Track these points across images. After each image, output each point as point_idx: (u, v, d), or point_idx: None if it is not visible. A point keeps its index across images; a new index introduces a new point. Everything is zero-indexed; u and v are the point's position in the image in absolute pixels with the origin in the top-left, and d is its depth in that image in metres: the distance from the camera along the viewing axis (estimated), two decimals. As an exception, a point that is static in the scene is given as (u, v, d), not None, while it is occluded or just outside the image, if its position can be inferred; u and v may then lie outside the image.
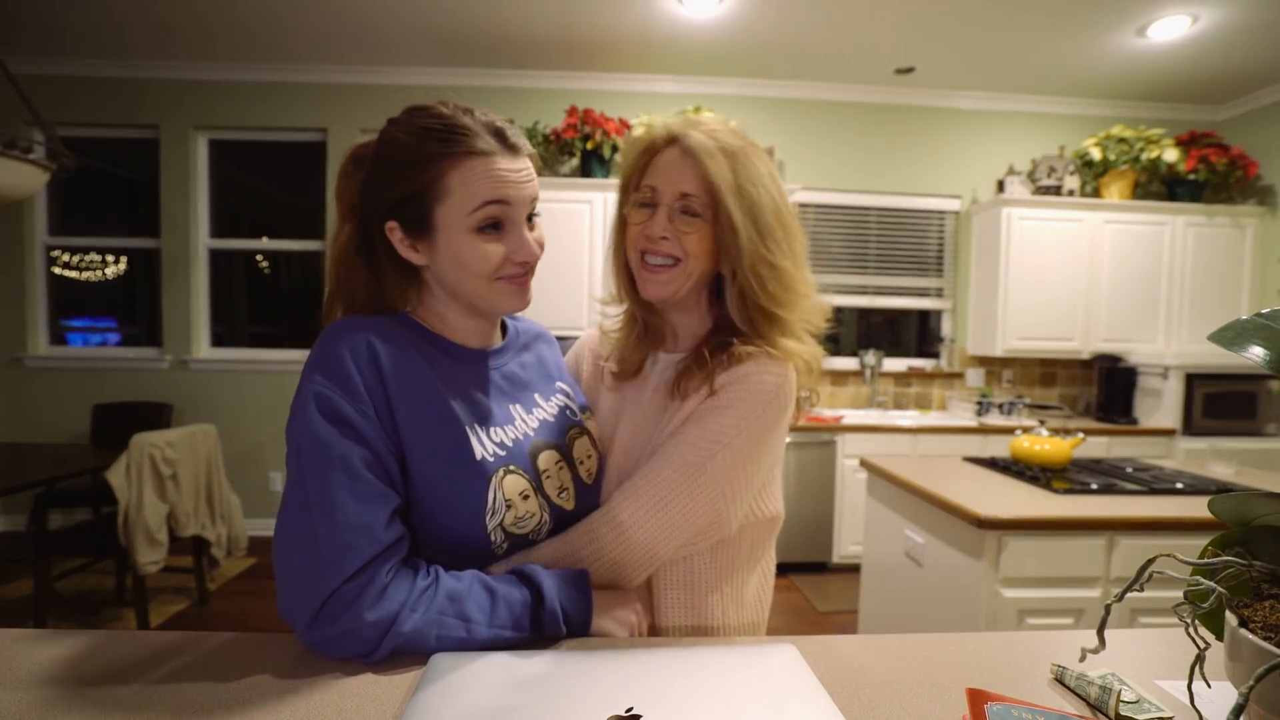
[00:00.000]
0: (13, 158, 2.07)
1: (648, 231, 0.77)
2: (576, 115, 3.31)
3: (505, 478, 0.71)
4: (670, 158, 0.77)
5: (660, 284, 0.78)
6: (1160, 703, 0.57)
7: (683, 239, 0.76)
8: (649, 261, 0.78)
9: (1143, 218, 3.48)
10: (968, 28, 2.97)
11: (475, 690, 0.54)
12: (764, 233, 0.75)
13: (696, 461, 0.72)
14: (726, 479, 0.73)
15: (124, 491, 2.19)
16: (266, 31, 3.14)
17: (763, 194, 0.75)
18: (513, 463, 0.73)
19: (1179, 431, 3.24)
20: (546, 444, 0.79)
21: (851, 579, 2.65)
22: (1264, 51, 3.10)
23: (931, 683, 0.61)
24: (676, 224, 0.76)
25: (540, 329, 0.94)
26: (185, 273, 3.58)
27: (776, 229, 0.76)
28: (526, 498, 0.73)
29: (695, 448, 0.73)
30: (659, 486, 0.73)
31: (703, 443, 0.73)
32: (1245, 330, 0.46)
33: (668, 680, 0.56)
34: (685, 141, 0.75)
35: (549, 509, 0.75)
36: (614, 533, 0.73)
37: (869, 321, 3.99)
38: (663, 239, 0.76)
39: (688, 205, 0.75)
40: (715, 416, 0.74)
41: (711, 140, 0.75)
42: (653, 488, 0.73)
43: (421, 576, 0.64)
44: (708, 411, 0.74)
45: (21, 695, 0.54)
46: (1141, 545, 1.54)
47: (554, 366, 0.90)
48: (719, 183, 0.73)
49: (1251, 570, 0.46)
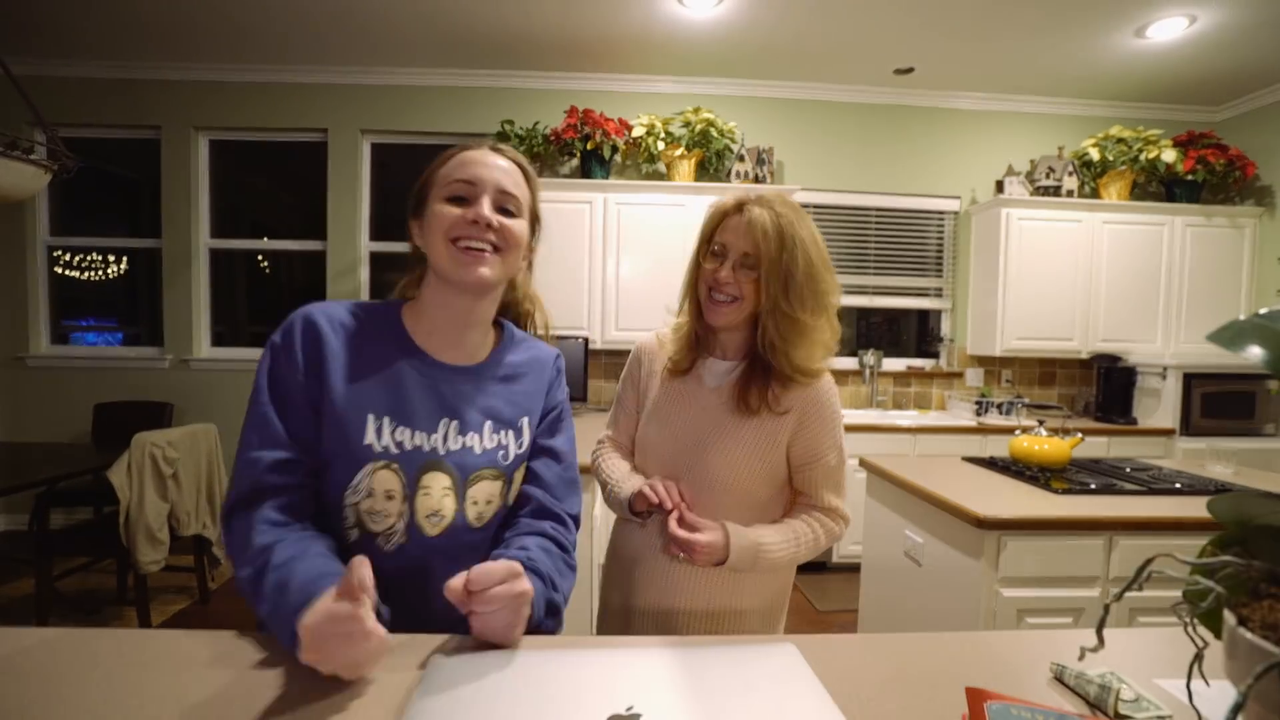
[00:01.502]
0: (14, 158, 2.07)
1: (718, 275, 1.01)
2: (576, 115, 3.31)
3: (380, 470, 0.78)
4: (737, 223, 1.01)
5: (722, 315, 1.02)
6: (1159, 701, 0.58)
7: (741, 284, 1.00)
8: (715, 297, 1.02)
9: (1141, 218, 3.48)
10: (967, 28, 2.97)
11: (477, 689, 0.54)
12: (790, 293, 0.98)
13: (840, 459, 1.07)
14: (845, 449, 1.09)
15: (125, 491, 2.19)
16: (267, 32, 3.14)
17: (797, 263, 0.97)
18: (397, 463, 0.79)
19: (1178, 431, 3.24)
20: (446, 468, 0.82)
21: (851, 579, 2.65)
22: (1262, 52, 3.10)
23: (931, 682, 0.61)
24: (738, 273, 1.00)
25: (544, 363, 0.96)
26: (186, 272, 3.58)
27: (804, 290, 0.98)
28: (391, 498, 0.79)
29: (834, 449, 1.05)
30: (842, 481, 1.07)
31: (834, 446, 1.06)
32: (1244, 330, 0.46)
33: (668, 679, 0.56)
34: (748, 214, 0.99)
35: (409, 523, 0.79)
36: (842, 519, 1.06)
37: (868, 321, 3.99)
38: (727, 283, 1.00)
39: (746, 260, 1.00)
40: (824, 427, 1.04)
41: (764, 219, 0.97)
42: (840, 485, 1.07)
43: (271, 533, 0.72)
44: (814, 423, 1.04)
45: (23, 694, 0.55)
46: (1140, 545, 1.54)
47: (526, 403, 0.91)
48: (763, 251, 0.97)
49: (1250, 570, 0.46)
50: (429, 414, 0.82)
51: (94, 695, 0.55)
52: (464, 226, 0.80)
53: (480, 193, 0.81)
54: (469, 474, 0.83)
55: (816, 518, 1.05)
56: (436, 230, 0.80)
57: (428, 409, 0.82)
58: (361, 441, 0.78)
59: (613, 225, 3.27)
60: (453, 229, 0.80)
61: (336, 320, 0.82)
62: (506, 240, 0.82)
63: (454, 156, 0.84)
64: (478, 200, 0.81)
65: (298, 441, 0.77)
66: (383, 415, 0.79)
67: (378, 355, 0.82)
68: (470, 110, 3.57)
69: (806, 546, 1.03)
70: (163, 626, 2.47)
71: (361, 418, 0.78)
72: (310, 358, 0.79)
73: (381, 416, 0.79)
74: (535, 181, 0.89)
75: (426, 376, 0.84)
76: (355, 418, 0.78)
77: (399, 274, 0.93)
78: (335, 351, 0.80)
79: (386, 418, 0.79)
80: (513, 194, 0.83)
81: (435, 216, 0.81)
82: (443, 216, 0.80)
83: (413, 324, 0.86)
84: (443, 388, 0.84)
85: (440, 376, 0.84)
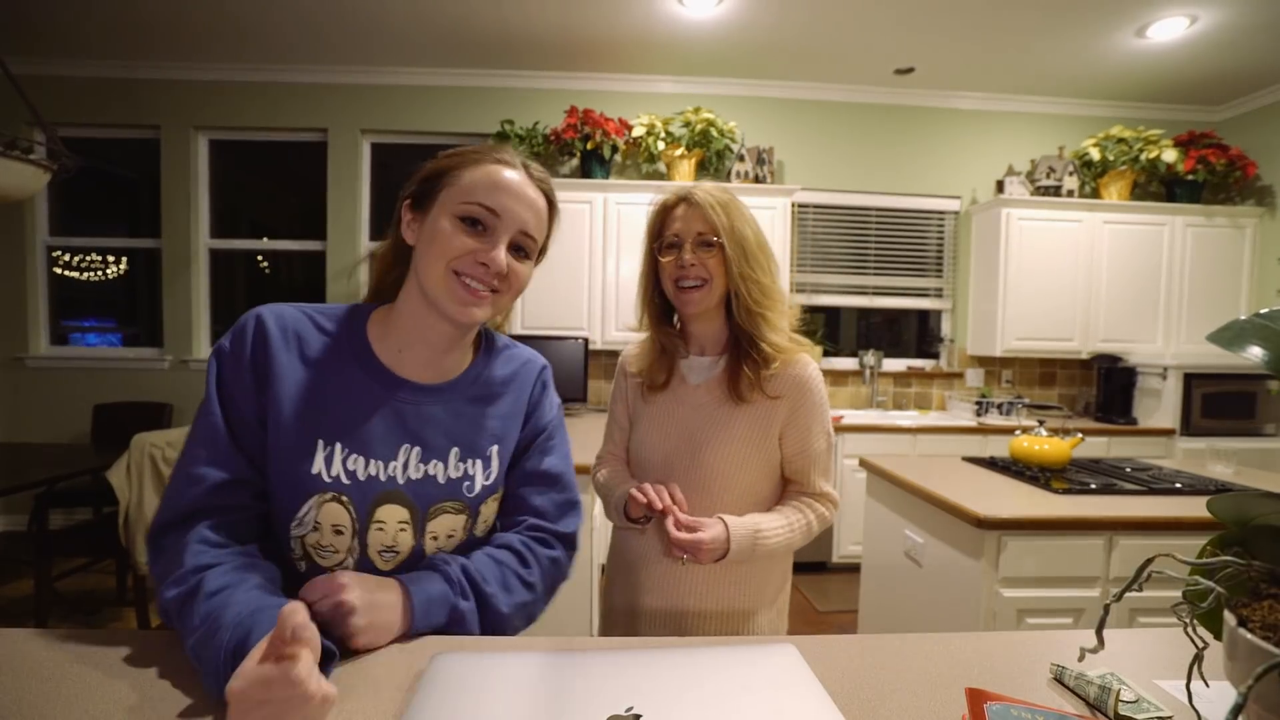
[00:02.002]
0: (13, 158, 2.07)
1: (679, 262, 1.02)
2: (576, 115, 3.32)
3: (328, 503, 0.71)
4: (685, 211, 1.03)
5: (694, 301, 1.02)
6: (1159, 702, 0.58)
7: (705, 263, 1.01)
8: (683, 285, 1.02)
9: (1142, 218, 3.48)
10: (967, 28, 2.97)
11: (477, 690, 0.54)
12: (749, 257, 1.02)
13: (829, 443, 1.08)
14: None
15: (124, 491, 2.19)
16: (266, 32, 3.14)
17: (749, 231, 1.03)
18: (346, 495, 0.72)
19: (1178, 431, 3.24)
20: (403, 499, 0.74)
21: (851, 579, 2.65)
22: (1262, 52, 3.10)
23: (931, 682, 0.61)
24: (699, 254, 1.01)
25: (525, 382, 0.86)
26: (186, 273, 3.58)
27: (759, 255, 1.03)
28: (340, 533, 0.72)
29: (824, 434, 1.06)
30: (829, 464, 1.08)
31: (823, 431, 1.06)
32: (1244, 330, 0.46)
33: (668, 680, 0.56)
34: (693, 198, 1.02)
35: (359, 558, 0.73)
36: (832, 504, 1.08)
37: (868, 321, 3.99)
38: (691, 265, 1.01)
39: (703, 238, 1.01)
40: (814, 412, 1.05)
41: (709, 196, 1.02)
42: (829, 469, 1.08)
43: (207, 554, 0.64)
44: (805, 409, 1.04)
45: (22, 695, 0.55)
46: (1140, 545, 1.54)
47: (499, 429, 0.82)
48: (720, 224, 1.00)
49: (1250, 570, 0.46)
50: (388, 440, 0.74)
51: (94, 695, 0.55)
52: (472, 265, 0.72)
53: (501, 230, 0.73)
54: (429, 506, 0.76)
55: (808, 503, 1.05)
56: (440, 252, 0.72)
57: (387, 434, 0.74)
58: (308, 470, 0.70)
59: (612, 225, 3.27)
60: (459, 261, 0.72)
61: (290, 328, 0.73)
62: (510, 285, 0.75)
63: (485, 164, 0.74)
64: (495, 238, 0.73)
65: (247, 460, 0.70)
66: (334, 441, 0.71)
67: (333, 370, 0.73)
68: (470, 110, 3.58)
69: (801, 532, 1.03)
70: (161, 627, 2.46)
71: (309, 443, 0.70)
72: (259, 368, 0.71)
73: (332, 442, 0.71)
74: (557, 215, 0.82)
75: (388, 396, 0.75)
76: (302, 443, 0.70)
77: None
78: (285, 364, 0.71)
79: (338, 444, 0.71)
80: (532, 236, 0.76)
81: (443, 234, 0.72)
82: (451, 240, 0.71)
83: (379, 336, 0.77)
84: (406, 409, 0.75)
85: (404, 396, 0.76)
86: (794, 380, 1.03)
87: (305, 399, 0.71)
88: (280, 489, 0.71)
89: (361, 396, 0.74)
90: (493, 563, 0.76)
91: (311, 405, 0.71)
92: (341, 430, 0.72)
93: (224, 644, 0.54)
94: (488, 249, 0.72)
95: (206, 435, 0.69)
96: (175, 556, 0.64)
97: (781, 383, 1.02)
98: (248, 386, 0.70)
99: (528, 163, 0.78)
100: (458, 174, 0.74)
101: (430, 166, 0.77)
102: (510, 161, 0.76)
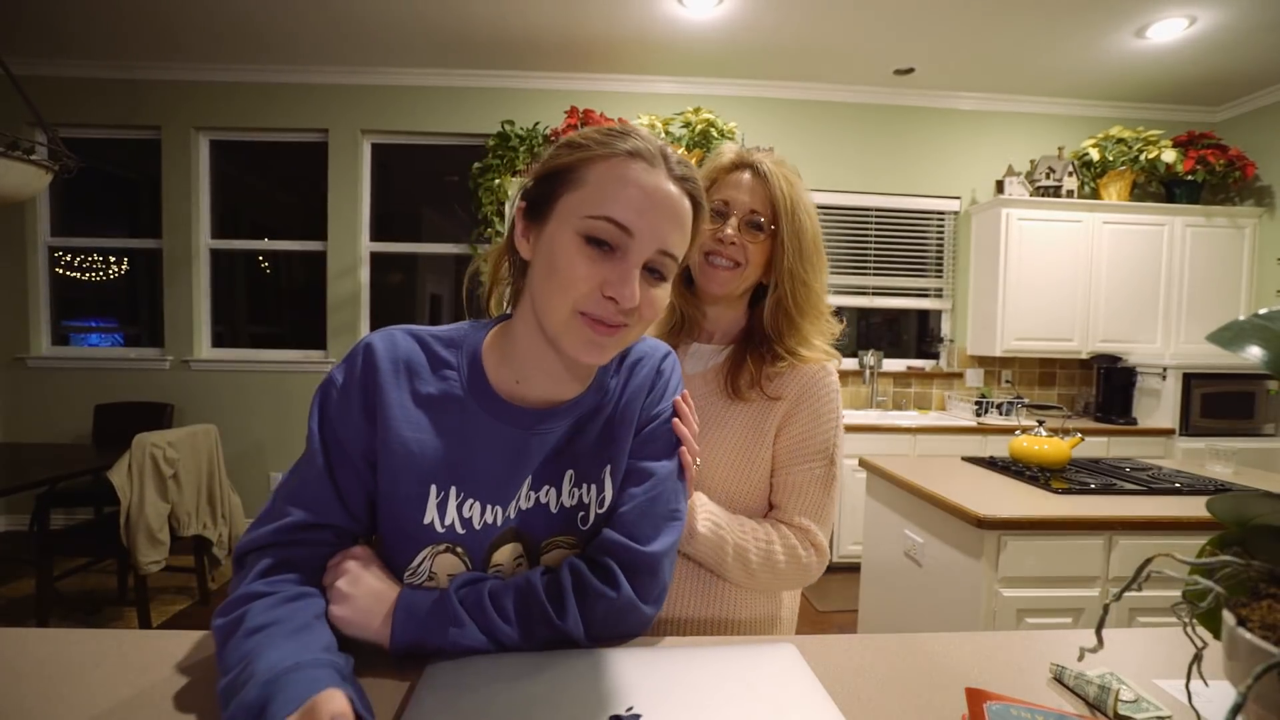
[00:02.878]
0: (15, 159, 2.07)
1: (720, 235, 0.87)
2: (576, 115, 3.31)
3: (442, 554, 0.65)
4: (743, 178, 0.90)
5: (722, 282, 0.89)
6: (1158, 702, 0.58)
7: (747, 247, 0.88)
8: (714, 261, 0.89)
9: (1141, 218, 3.48)
10: (967, 28, 2.97)
11: (476, 691, 0.54)
12: (803, 254, 0.88)
13: (828, 474, 0.89)
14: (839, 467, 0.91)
15: (126, 491, 2.19)
16: (267, 32, 3.14)
17: (809, 223, 0.89)
18: (462, 545, 0.65)
19: (1177, 431, 3.24)
20: (517, 537, 0.67)
21: (851, 579, 2.65)
22: (1262, 53, 3.10)
23: (931, 682, 0.61)
24: (744, 234, 0.88)
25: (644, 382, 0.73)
26: (187, 273, 3.58)
27: (814, 255, 0.90)
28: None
29: (820, 456, 0.88)
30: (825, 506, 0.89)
31: (820, 451, 0.88)
32: (1243, 330, 0.46)
33: (668, 680, 0.56)
34: (760, 167, 0.89)
35: None
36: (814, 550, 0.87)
37: (868, 321, 3.99)
38: (732, 244, 0.88)
39: (755, 219, 0.88)
40: (823, 420, 0.88)
41: (779, 170, 0.89)
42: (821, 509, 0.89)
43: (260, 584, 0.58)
44: (804, 413, 0.88)
45: (22, 695, 0.55)
46: (1140, 545, 1.54)
47: (613, 447, 0.70)
48: (782, 207, 0.87)
49: (1249, 569, 0.46)
50: (506, 479, 0.65)
51: (94, 695, 0.55)
52: (598, 303, 0.59)
53: (635, 253, 0.59)
54: (542, 540, 0.68)
55: (780, 529, 0.86)
56: (561, 286, 0.59)
57: (505, 473, 0.65)
58: (420, 521, 0.63)
59: (613, 225, 3.27)
60: (584, 301, 0.59)
61: (402, 359, 0.65)
62: (644, 316, 0.62)
63: (615, 162, 0.60)
64: (628, 262, 0.59)
65: (342, 506, 0.63)
66: (448, 486, 0.64)
67: (446, 407, 0.65)
68: (470, 110, 3.58)
69: (759, 551, 0.83)
70: (163, 627, 2.47)
71: (421, 491, 0.63)
72: (369, 405, 0.63)
73: (446, 488, 0.64)
74: (704, 215, 0.67)
75: (506, 431, 0.66)
76: (413, 491, 0.63)
77: (400, 274, 0.80)
78: (394, 402, 0.63)
79: (452, 488, 0.64)
80: (673, 255, 0.62)
81: (564, 261, 0.59)
82: (572, 270, 0.59)
83: (495, 363, 0.67)
84: (525, 441, 0.66)
85: (523, 427, 0.66)
86: (801, 380, 0.88)
87: (416, 441, 0.63)
88: (390, 538, 0.65)
89: (476, 434, 0.65)
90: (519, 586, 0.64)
91: (422, 447, 0.64)
92: (455, 474, 0.64)
93: (250, 704, 0.48)
94: (619, 279, 0.59)
95: (308, 473, 0.63)
96: (237, 582, 0.60)
97: (786, 383, 0.88)
98: (357, 426, 0.63)
99: (666, 151, 0.63)
100: (581, 173, 0.60)
101: (548, 163, 0.63)
102: (647, 153, 0.61)
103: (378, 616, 0.60)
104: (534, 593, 0.62)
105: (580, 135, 0.63)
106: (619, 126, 0.64)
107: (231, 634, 0.54)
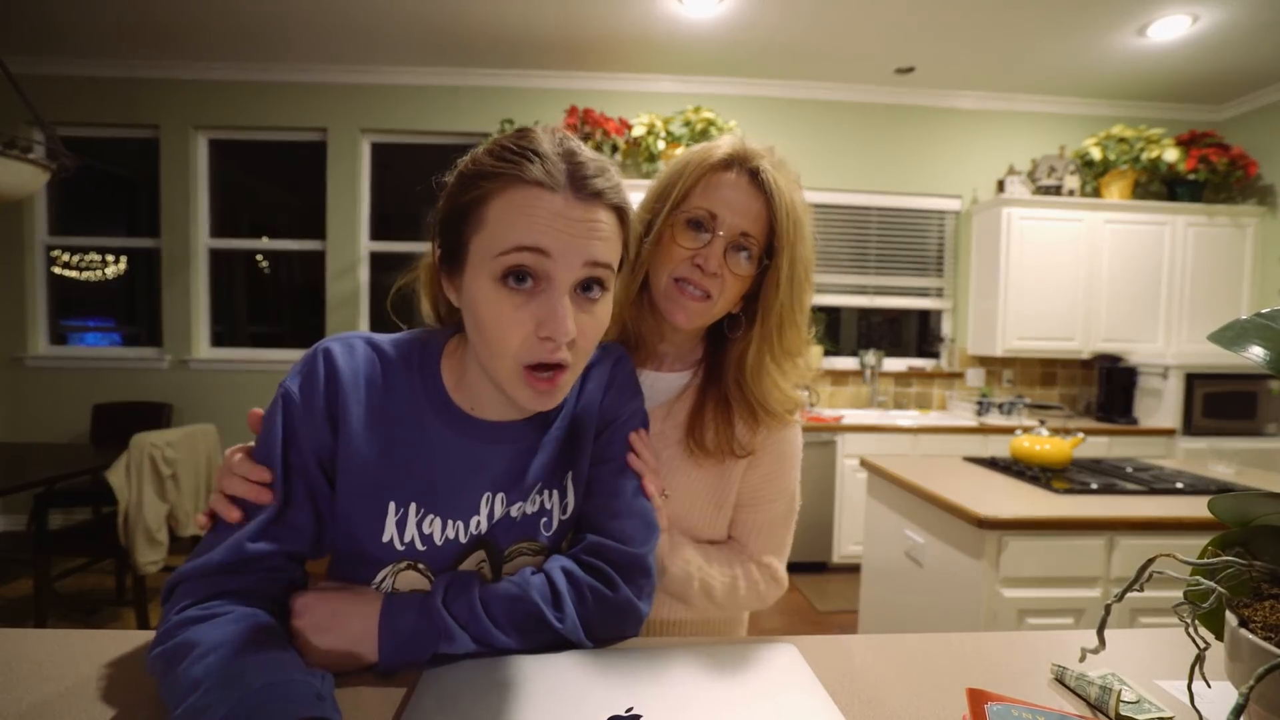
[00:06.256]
0: (12, 157, 2.07)
1: (699, 261, 0.71)
2: (576, 115, 3.31)
3: (404, 571, 0.63)
4: (738, 183, 0.72)
5: (690, 315, 0.74)
6: (1160, 703, 0.57)
7: (727, 277, 0.72)
8: (684, 289, 0.73)
9: (1143, 217, 3.48)
10: (968, 28, 2.97)
11: (475, 692, 0.54)
12: (796, 293, 0.74)
13: (789, 509, 0.85)
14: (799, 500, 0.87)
15: (124, 491, 2.19)
16: (266, 31, 3.13)
17: (808, 252, 0.74)
18: (424, 561, 0.63)
19: (1179, 431, 3.24)
20: (481, 545, 0.65)
21: (851, 579, 2.65)
22: (1264, 51, 3.10)
23: (931, 683, 0.61)
24: (728, 260, 0.71)
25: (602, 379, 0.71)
26: (185, 272, 3.58)
27: (805, 284, 0.75)
28: None
29: (784, 499, 0.83)
30: (786, 539, 0.85)
31: (784, 494, 0.83)
32: (1245, 330, 0.46)
33: (668, 680, 0.56)
34: (762, 175, 0.71)
35: None
36: (774, 584, 0.82)
37: (869, 321, 3.99)
38: (713, 275, 0.71)
39: (745, 245, 0.72)
40: (784, 467, 0.83)
41: (783, 182, 0.72)
42: (783, 544, 0.84)
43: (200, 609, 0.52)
44: (777, 463, 0.82)
45: (22, 695, 0.54)
46: (1141, 545, 1.54)
47: (574, 450, 0.69)
48: (784, 237, 0.71)
49: (1251, 570, 0.46)
50: (465, 493, 0.63)
51: (94, 695, 0.55)
52: (536, 347, 0.55)
53: (561, 273, 0.54)
54: (505, 548, 0.66)
55: (746, 566, 0.81)
56: (492, 341, 0.55)
57: (463, 486, 0.63)
58: (379, 539, 0.61)
59: (613, 225, 3.27)
60: (522, 352, 0.55)
61: (360, 369, 0.61)
62: (583, 346, 0.58)
63: (515, 195, 0.53)
64: (553, 291, 0.54)
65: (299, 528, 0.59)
66: (407, 502, 0.61)
67: (403, 420, 0.61)
68: (470, 110, 3.57)
69: (723, 587, 0.77)
70: (162, 626, 2.46)
71: (379, 507, 0.61)
72: (333, 419, 0.60)
73: (406, 504, 0.61)
74: (629, 218, 0.60)
75: (465, 442, 0.63)
76: (371, 507, 0.60)
77: (400, 274, 0.74)
78: (354, 415, 0.60)
79: (412, 505, 0.61)
80: (604, 262, 0.56)
81: (491, 314, 0.54)
82: (500, 321, 0.54)
83: (453, 381, 0.64)
84: (485, 452, 0.64)
85: (483, 437, 0.64)
86: (769, 439, 0.81)
87: (374, 456, 0.60)
88: (347, 557, 0.63)
89: (434, 449, 0.62)
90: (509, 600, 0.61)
91: (381, 463, 0.60)
92: (414, 488, 0.61)
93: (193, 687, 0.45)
94: (546, 314, 0.54)
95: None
96: (170, 610, 0.54)
97: (752, 440, 0.81)
98: (322, 441, 0.59)
99: (574, 162, 0.55)
100: (482, 212, 0.54)
101: (448, 202, 0.58)
102: (547, 179, 0.53)
103: (360, 642, 0.57)
104: (529, 599, 0.60)
105: (473, 163, 0.57)
106: (514, 143, 0.56)
107: (176, 659, 0.48)
